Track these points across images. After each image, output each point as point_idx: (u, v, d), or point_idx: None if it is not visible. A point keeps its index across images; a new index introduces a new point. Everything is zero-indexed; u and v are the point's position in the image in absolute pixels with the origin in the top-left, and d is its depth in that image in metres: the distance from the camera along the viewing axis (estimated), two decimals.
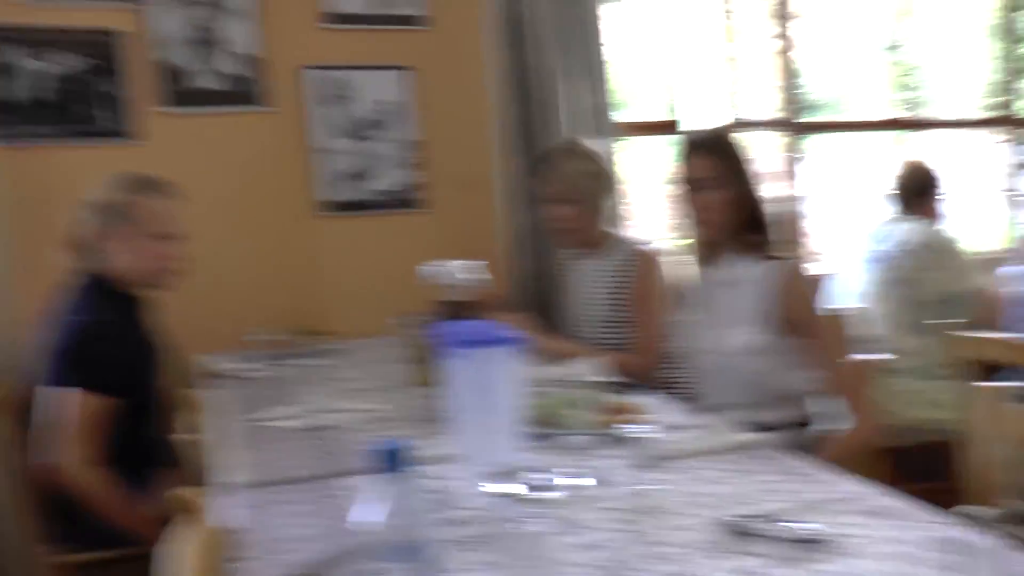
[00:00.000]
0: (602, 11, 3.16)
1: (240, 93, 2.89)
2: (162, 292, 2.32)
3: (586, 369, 1.86)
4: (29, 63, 2.65)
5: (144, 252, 2.21)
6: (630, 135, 3.36)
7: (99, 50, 2.72)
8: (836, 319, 2.28)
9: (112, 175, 2.24)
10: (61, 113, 2.70)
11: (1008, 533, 1.20)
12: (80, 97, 2.72)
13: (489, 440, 1.39)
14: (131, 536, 2.05)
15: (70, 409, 2.04)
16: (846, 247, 3.35)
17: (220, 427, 1.90)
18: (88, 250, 2.21)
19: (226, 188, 2.87)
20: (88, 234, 2.21)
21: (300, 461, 1.62)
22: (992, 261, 3.27)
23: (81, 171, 2.39)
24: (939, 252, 3.03)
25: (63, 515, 2.11)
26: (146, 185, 2.24)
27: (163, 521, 1.34)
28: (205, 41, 2.84)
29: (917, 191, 3.19)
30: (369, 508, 0.96)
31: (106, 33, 2.73)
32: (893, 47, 4.10)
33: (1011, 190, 4.29)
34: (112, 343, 2.11)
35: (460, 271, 2.06)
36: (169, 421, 2.27)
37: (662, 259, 2.49)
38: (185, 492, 1.35)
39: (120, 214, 2.19)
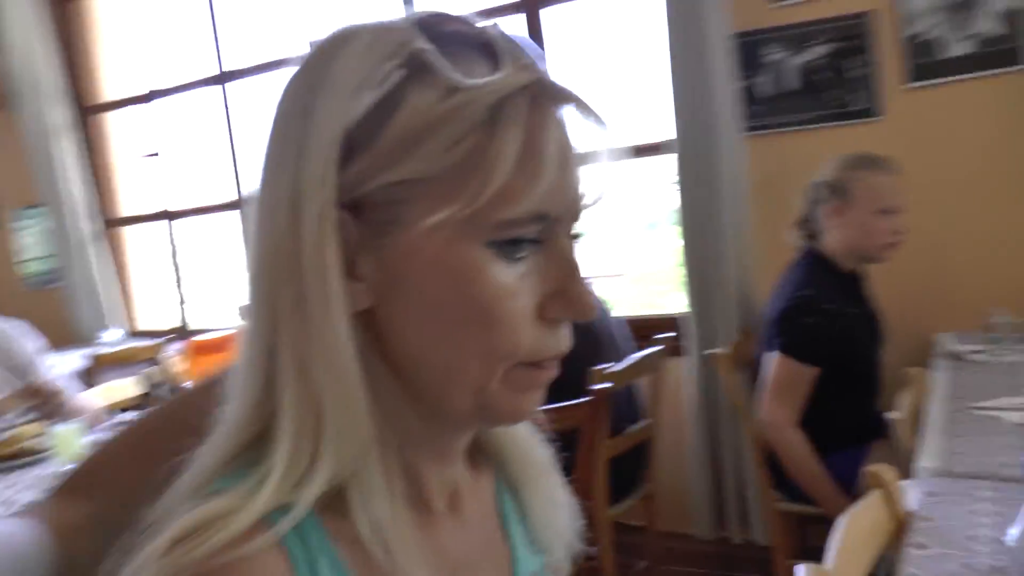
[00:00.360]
0: None
1: (996, 54, 2.67)
2: (879, 265, 2.35)
3: None
4: (781, 57, 2.88)
5: (864, 227, 2.26)
6: None
7: (847, 33, 2.81)
8: None
9: (838, 155, 2.34)
10: (805, 99, 2.87)
11: None
12: (823, 82, 2.84)
13: None
14: (815, 498, 2.17)
15: (774, 371, 2.22)
16: None
17: (937, 409, 1.85)
18: (811, 226, 2.36)
19: (972, 159, 2.69)
20: (811, 211, 2.35)
21: (1008, 458, 1.49)
22: None
23: (820, 152, 2.51)
24: None
25: (781, 466, 2.30)
26: (868, 162, 2.28)
27: (853, 494, 1.38)
28: (961, 5, 2.70)
29: None
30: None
31: (857, 16, 2.79)
32: None
33: None
34: (818, 315, 2.21)
35: None
36: (884, 397, 2.28)
37: None
38: (881, 469, 1.36)
39: (841, 191, 2.28)
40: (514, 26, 3.29)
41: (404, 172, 0.56)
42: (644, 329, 2.88)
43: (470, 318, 0.57)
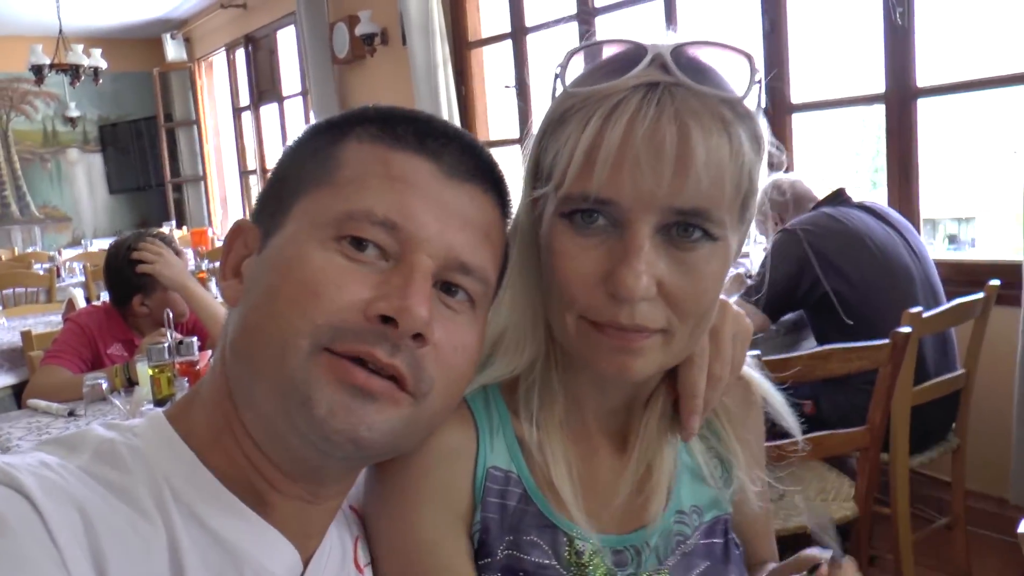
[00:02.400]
0: None
1: None
2: None
3: None
4: None
5: None
6: None
7: None
8: None
9: None
10: None
11: None
12: None
13: None
14: None
15: None
16: None
17: None
18: None
19: None
20: None
21: None
22: None
23: None
24: None
25: None
26: None
27: None
28: None
29: None
30: None
31: None
32: None
33: None
34: None
35: None
36: None
37: None
38: None
39: None
40: None
41: (544, 160, 0.75)
42: (976, 274, 2.67)
43: (549, 269, 0.74)
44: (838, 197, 2.64)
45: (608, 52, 0.74)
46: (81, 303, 3.60)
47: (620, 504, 0.82)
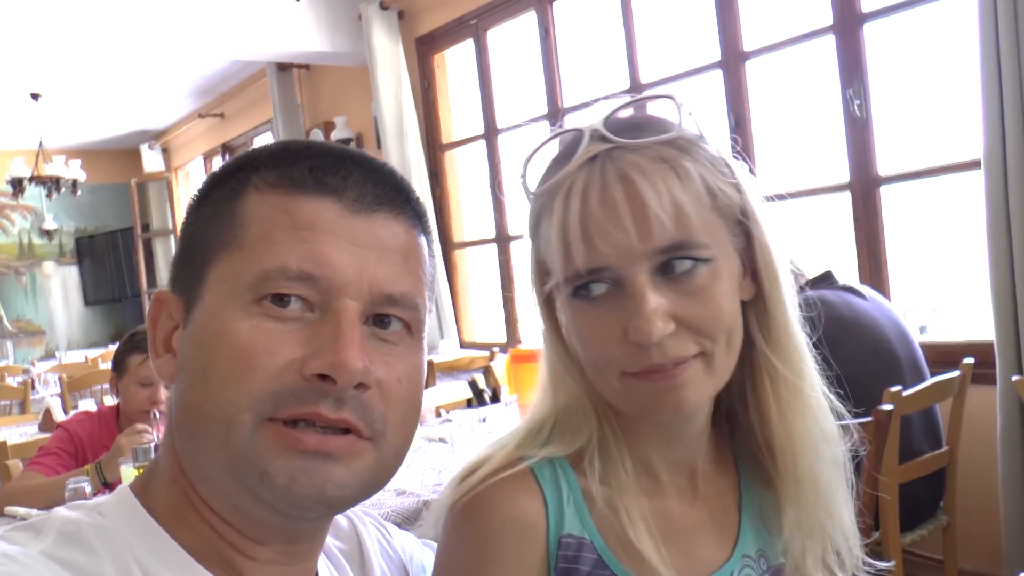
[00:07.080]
0: None
1: None
2: None
3: None
4: None
5: None
6: None
7: None
8: None
9: None
10: None
11: None
12: None
13: None
14: None
15: None
16: None
17: None
18: None
19: None
20: None
21: None
22: None
23: None
24: None
25: None
26: None
27: None
28: None
29: None
30: None
31: None
32: None
33: None
34: None
35: None
36: None
37: None
38: None
39: None
40: (828, 45, 3.27)
41: (537, 255, 0.82)
42: (950, 353, 2.73)
43: (578, 343, 0.80)
44: (826, 279, 2.68)
45: (555, 144, 0.82)
46: (59, 414, 3.55)
47: (697, 550, 0.83)
